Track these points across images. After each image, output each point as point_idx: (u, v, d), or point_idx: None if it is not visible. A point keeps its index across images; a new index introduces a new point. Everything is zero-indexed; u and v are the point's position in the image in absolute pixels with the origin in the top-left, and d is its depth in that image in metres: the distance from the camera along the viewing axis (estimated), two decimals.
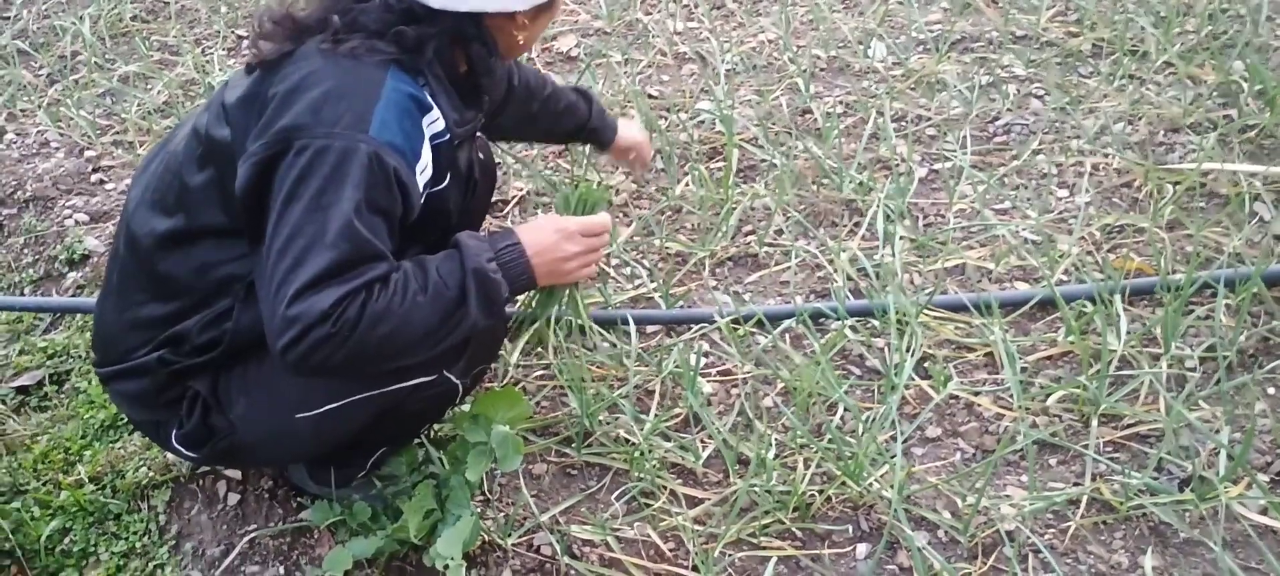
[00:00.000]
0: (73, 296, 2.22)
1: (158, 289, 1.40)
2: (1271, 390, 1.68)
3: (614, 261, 2.11)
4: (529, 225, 1.43)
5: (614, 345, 1.89)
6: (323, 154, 1.23)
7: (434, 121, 1.36)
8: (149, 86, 2.87)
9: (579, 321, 1.84)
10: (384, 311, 1.24)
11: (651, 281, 2.04)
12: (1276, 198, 2.06)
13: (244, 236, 1.33)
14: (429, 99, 1.36)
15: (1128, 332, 1.77)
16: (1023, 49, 2.58)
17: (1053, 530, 1.51)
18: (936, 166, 2.28)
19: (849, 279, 1.99)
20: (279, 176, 1.24)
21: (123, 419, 1.85)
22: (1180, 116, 2.30)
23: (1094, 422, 1.63)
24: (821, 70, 2.62)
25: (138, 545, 1.66)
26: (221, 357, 1.39)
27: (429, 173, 1.35)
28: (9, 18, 3.33)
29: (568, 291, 1.64)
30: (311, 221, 1.22)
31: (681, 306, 1.98)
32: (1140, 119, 2.32)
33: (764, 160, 2.32)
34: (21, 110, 2.84)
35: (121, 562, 1.65)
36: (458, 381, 1.45)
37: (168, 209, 1.39)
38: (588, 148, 2.15)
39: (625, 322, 1.91)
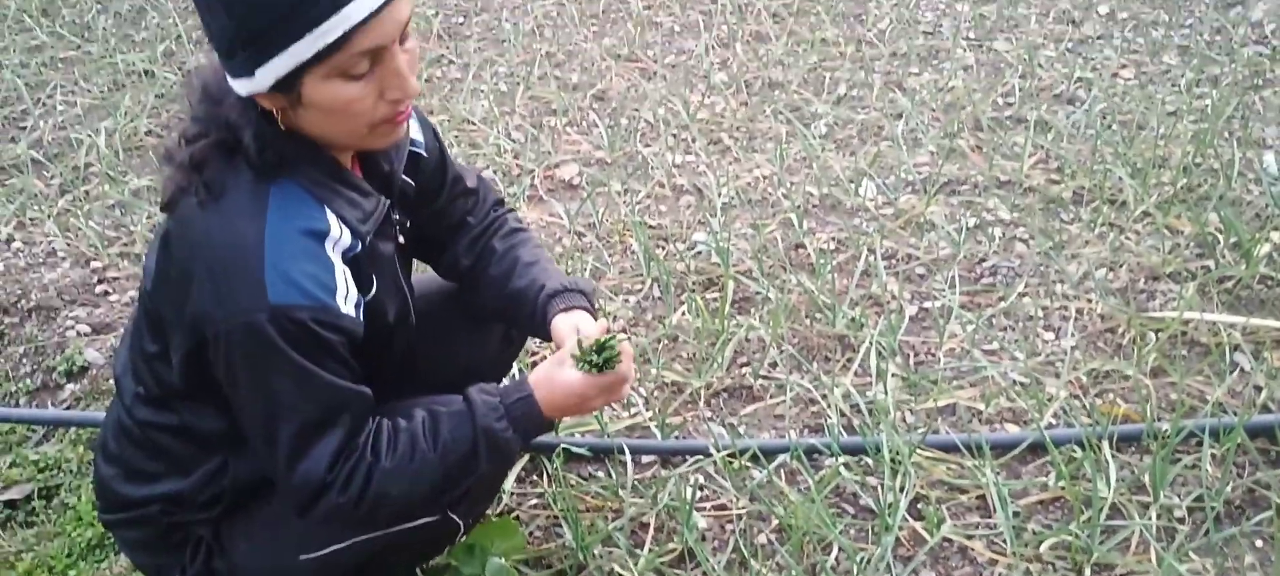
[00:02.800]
0: (69, 409, 2.21)
1: (149, 449, 1.41)
2: (1259, 543, 1.71)
3: None
4: (546, 379, 1.37)
5: (610, 475, 1.90)
6: (235, 338, 1.20)
7: (339, 240, 1.27)
8: (159, 199, 2.92)
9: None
10: (393, 472, 1.28)
11: (648, 410, 2.07)
12: (1255, 348, 2.12)
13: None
14: (325, 214, 1.26)
15: (1117, 480, 1.80)
16: (1007, 194, 2.68)
17: None
18: (926, 305, 2.33)
19: (842, 415, 2.02)
20: (211, 363, 1.26)
21: (110, 538, 1.83)
22: (1160, 265, 2.38)
23: (1087, 572, 1.65)
24: (814, 206, 2.70)
25: None
26: (224, 511, 1.40)
27: (353, 293, 1.28)
28: (25, 127, 3.38)
29: None
30: (259, 400, 1.25)
31: (677, 437, 2.01)
32: (1121, 266, 2.40)
33: (759, 293, 2.37)
34: (31, 219, 2.87)
35: None
36: (460, 520, 1.47)
37: (138, 375, 1.40)
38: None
39: (621, 452, 1.93)
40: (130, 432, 1.40)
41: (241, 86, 1.20)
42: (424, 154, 1.50)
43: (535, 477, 1.91)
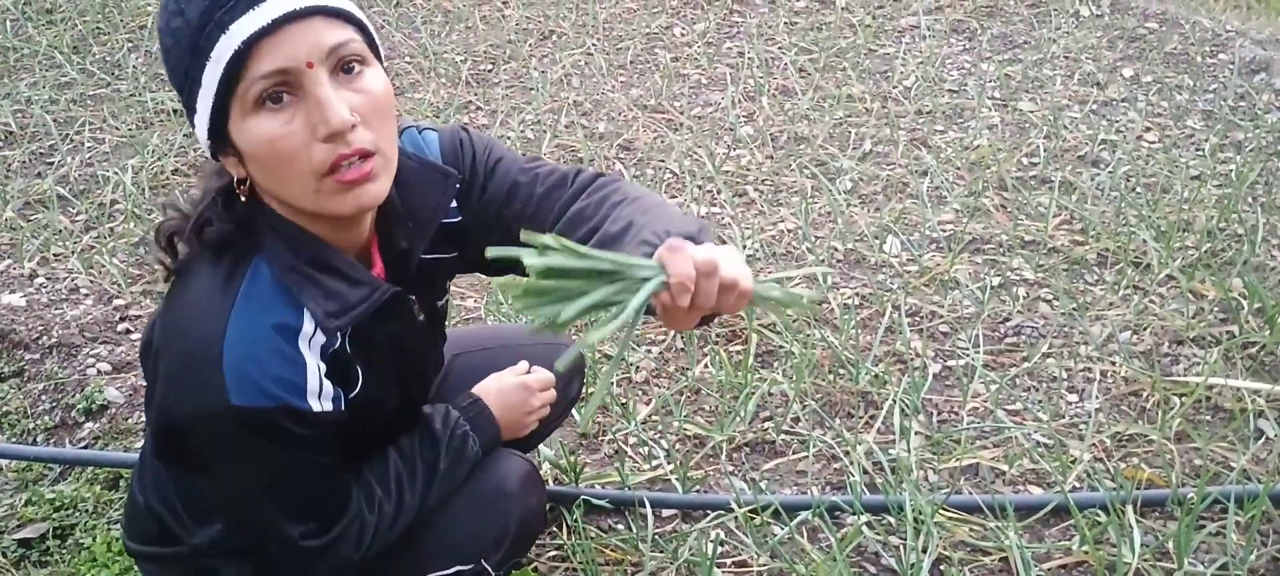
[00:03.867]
0: (87, 447, 2.23)
1: (173, 495, 1.41)
2: None
3: (632, 440, 2.14)
4: (492, 382, 1.56)
5: (630, 528, 1.90)
6: (198, 438, 1.19)
7: (313, 335, 1.18)
8: None
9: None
10: (392, 516, 1.33)
11: (669, 463, 2.07)
12: (1279, 415, 2.11)
13: None
14: (297, 306, 1.17)
15: (1141, 545, 1.79)
16: (1031, 254, 2.68)
17: None
18: (949, 363, 2.33)
19: (865, 472, 2.02)
20: (182, 452, 1.27)
21: None
22: (1184, 329, 2.38)
23: None
24: (838, 261, 2.71)
25: None
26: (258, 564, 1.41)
27: (329, 390, 1.20)
28: (52, 164, 3.44)
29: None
30: (233, 497, 1.27)
31: (698, 491, 2.01)
32: (1145, 329, 2.40)
33: (782, 347, 2.38)
34: (55, 254, 2.91)
35: None
36: (493, 571, 1.47)
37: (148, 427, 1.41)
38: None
39: (642, 505, 1.93)
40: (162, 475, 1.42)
41: (206, 147, 1.15)
42: (461, 219, 1.38)
43: (554, 530, 1.92)
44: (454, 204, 1.36)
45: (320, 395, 1.19)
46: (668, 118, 3.54)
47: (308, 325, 1.18)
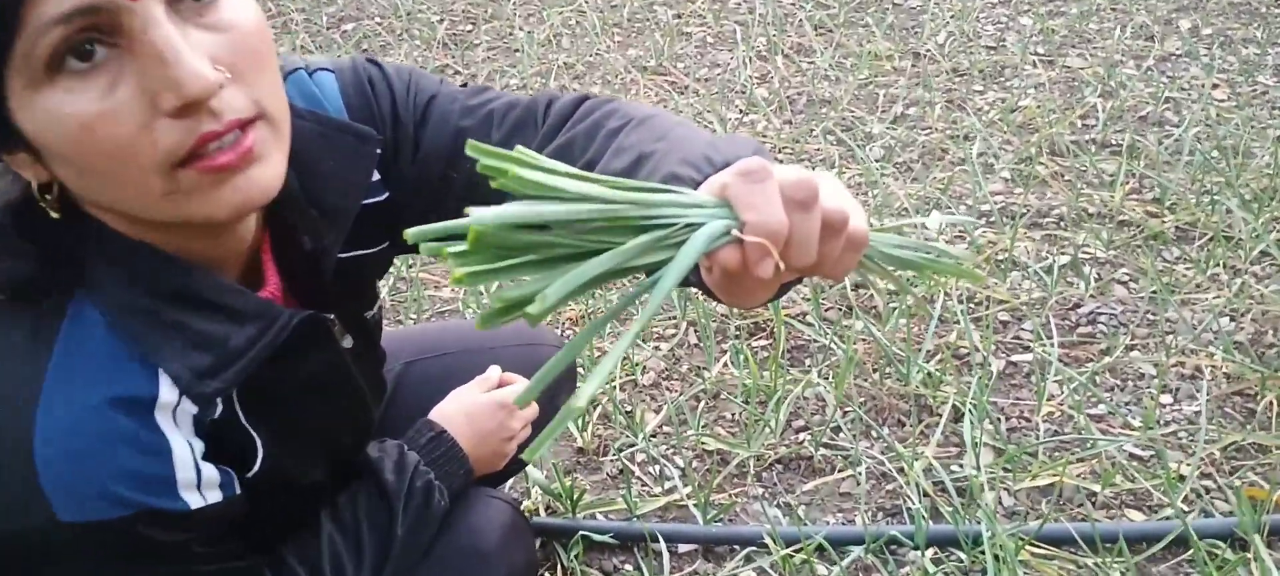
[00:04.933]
0: None
1: None
2: None
3: (640, 458, 1.77)
4: (456, 404, 1.20)
5: (640, 569, 1.53)
6: (33, 542, 0.78)
7: (177, 405, 0.80)
8: None
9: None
10: None
11: (685, 486, 1.70)
12: None
13: None
14: (146, 367, 0.79)
15: None
16: (1098, 228, 2.31)
17: None
18: (1015, 359, 1.96)
19: (925, 495, 1.65)
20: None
21: None
22: None
23: None
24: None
25: None
26: None
27: (212, 476, 0.84)
28: None
29: None
30: None
31: (723, 522, 1.63)
32: (1245, 315, 2.03)
33: (815, 341, 2.00)
34: None
35: None
36: None
37: None
38: None
39: (654, 540, 1.56)
40: None
41: None
42: (387, 196, 0.97)
43: (546, 572, 1.54)
44: (376, 175, 0.95)
45: (200, 485, 0.83)
46: (671, 80, 3.15)
47: (166, 392, 0.80)
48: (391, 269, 2.26)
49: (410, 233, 0.54)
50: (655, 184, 0.60)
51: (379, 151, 0.93)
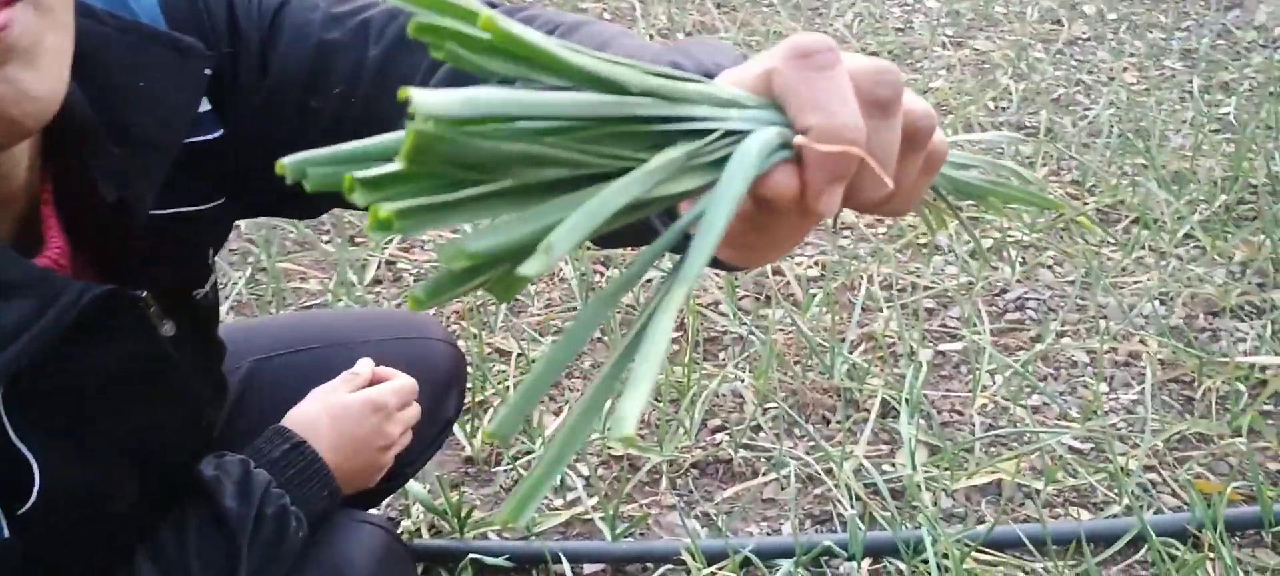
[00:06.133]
0: None
1: None
2: None
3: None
4: (317, 406, 0.96)
5: None
6: None
7: None
8: None
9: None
10: None
11: (590, 497, 1.50)
12: None
13: None
14: None
15: None
16: (1020, 210, 2.19)
17: None
18: (943, 348, 1.82)
19: (857, 499, 1.48)
20: None
21: None
22: (1219, 298, 1.92)
23: None
24: None
25: None
26: None
27: None
28: None
29: None
30: None
31: (634, 536, 1.44)
32: (1174, 298, 1.93)
33: (730, 332, 1.83)
34: None
35: None
36: None
37: None
38: None
39: (557, 560, 1.36)
40: None
41: None
42: (222, 133, 0.75)
43: None
44: (206, 104, 0.73)
45: None
46: None
47: None
48: (249, 258, 2.01)
49: (288, 161, 0.34)
50: (675, 71, 0.39)
51: (209, 72, 0.70)
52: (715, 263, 0.46)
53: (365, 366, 1.02)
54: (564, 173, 0.34)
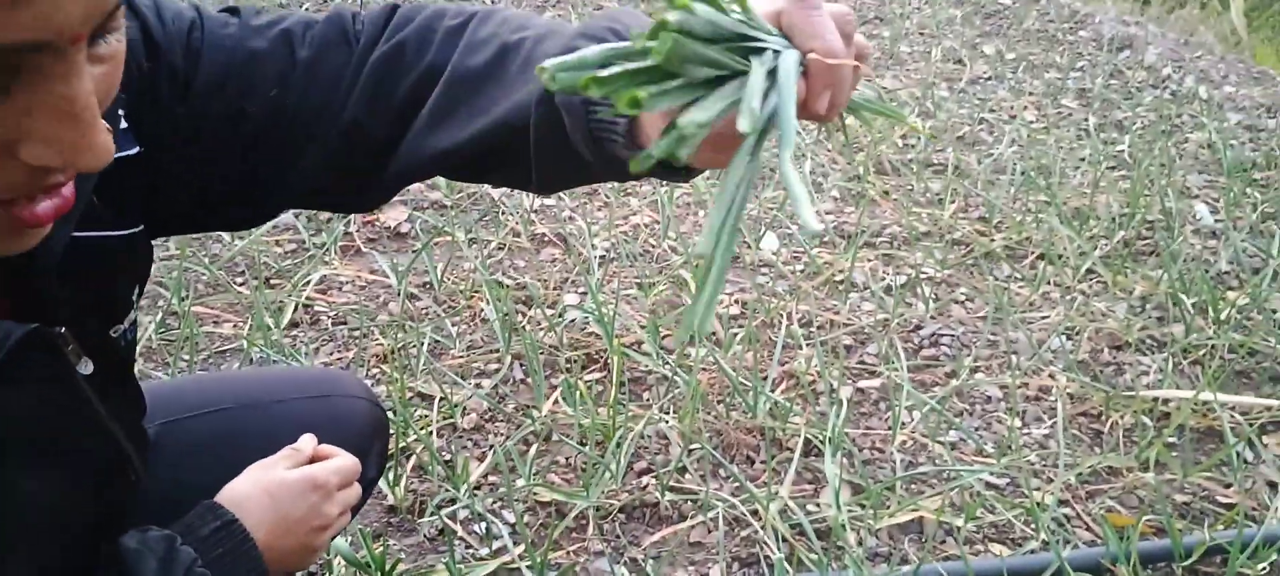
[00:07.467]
0: None
1: None
2: None
3: (463, 514, 1.53)
4: (253, 483, 0.90)
5: None
6: None
7: None
8: None
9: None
10: None
11: (517, 544, 1.47)
12: (1259, 431, 1.74)
13: None
14: None
15: None
16: (931, 246, 2.25)
17: None
18: (861, 385, 1.85)
19: (784, 541, 1.49)
20: None
21: None
22: (1121, 331, 1.99)
23: None
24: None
25: None
26: None
27: None
28: None
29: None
30: None
31: None
32: (1079, 333, 2.00)
33: (652, 371, 1.82)
34: None
35: None
36: None
37: None
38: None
39: None
40: None
41: None
42: (140, 150, 0.71)
43: None
44: (123, 120, 0.70)
45: None
46: None
47: None
48: (159, 301, 1.93)
49: (549, 64, 0.52)
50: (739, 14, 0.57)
51: (130, 83, 0.68)
52: (670, 171, 0.62)
53: (307, 443, 0.98)
54: (712, 73, 0.53)
